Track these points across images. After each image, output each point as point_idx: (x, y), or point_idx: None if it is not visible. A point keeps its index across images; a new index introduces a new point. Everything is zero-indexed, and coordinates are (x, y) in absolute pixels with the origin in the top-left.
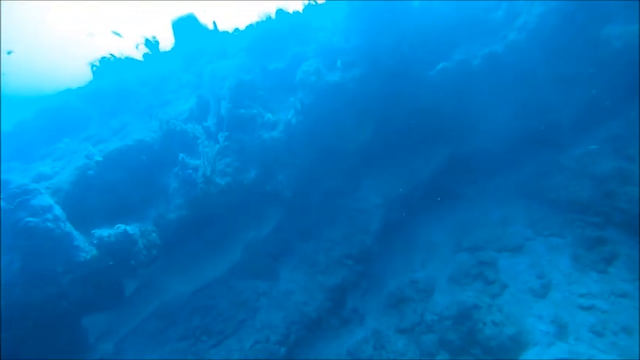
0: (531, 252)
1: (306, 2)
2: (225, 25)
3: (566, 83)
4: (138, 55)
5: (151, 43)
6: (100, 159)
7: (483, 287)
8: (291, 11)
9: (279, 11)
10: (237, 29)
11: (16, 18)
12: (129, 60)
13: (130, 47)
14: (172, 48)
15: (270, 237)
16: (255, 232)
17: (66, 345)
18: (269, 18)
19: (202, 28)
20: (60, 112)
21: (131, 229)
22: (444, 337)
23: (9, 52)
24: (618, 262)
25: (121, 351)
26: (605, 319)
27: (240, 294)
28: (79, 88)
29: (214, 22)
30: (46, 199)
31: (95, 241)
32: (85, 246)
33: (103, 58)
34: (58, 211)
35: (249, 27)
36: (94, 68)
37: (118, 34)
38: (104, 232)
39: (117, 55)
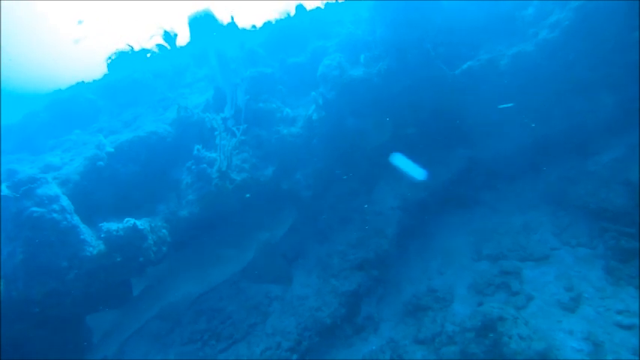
0: (558, 262)
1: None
2: (243, 23)
3: (594, 86)
4: (155, 49)
5: (169, 35)
6: (112, 150)
7: (507, 298)
8: (311, 8)
9: (299, 6)
10: (253, 26)
11: (18, 17)
12: (144, 52)
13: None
14: (188, 43)
15: (285, 238)
16: (270, 233)
17: (68, 344)
18: (288, 14)
19: (219, 23)
20: (71, 104)
21: (141, 223)
22: (467, 350)
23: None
24: None
25: (124, 352)
26: None
27: (251, 297)
28: (93, 81)
29: (232, 17)
30: (53, 189)
31: (103, 235)
32: (92, 240)
33: (118, 51)
34: (65, 202)
35: (267, 23)
36: (109, 61)
37: (80, 22)
38: (112, 226)
39: (134, 47)
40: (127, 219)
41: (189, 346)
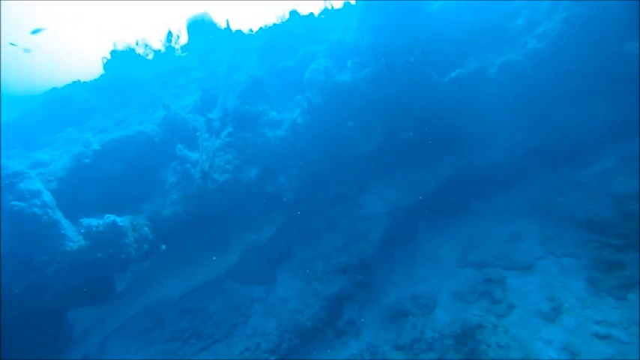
0: (542, 272)
1: (323, 7)
2: (241, 26)
3: (585, 97)
4: (161, 47)
5: (171, 36)
6: (98, 148)
7: (489, 306)
8: (305, 14)
9: (293, 12)
10: (250, 30)
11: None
12: (143, 52)
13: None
14: (185, 46)
15: (271, 240)
16: (255, 234)
17: (48, 339)
18: (282, 19)
19: (216, 27)
20: (66, 103)
21: (121, 220)
22: (445, 357)
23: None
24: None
25: (105, 349)
26: (625, 352)
27: (234, 298)
28: (89, 80)
29: (227, 21)
30: (36, 184)
31: (83, 230)
32: (74, 235)
33: (113, 51)
34: (47, 197)
35: (262, 28)
36: (105, 61)
37: (36, 32)
38: (92, 222)
39: (133, 46)
40: (107, 215)
41: (170, 344)
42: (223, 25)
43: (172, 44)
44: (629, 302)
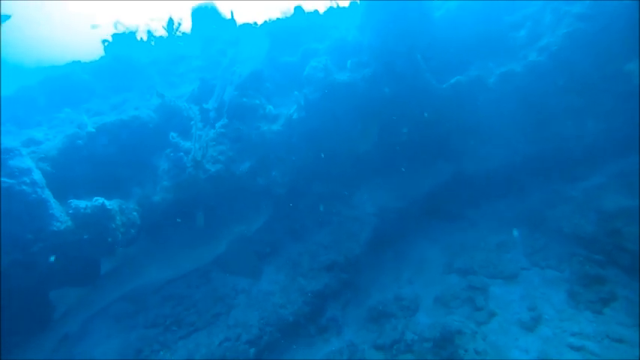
0: (525, 282)
1: (329, 5)
2: (246, 20)
3: (581, 113)
4: (162, 31)
5: (172, 23)
6: (92, 130)
7: (470, 313)
8: (310, 10)
9: (297, 8)
10: (255, 23)
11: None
12: (145, 37)
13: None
14: (189, 33)
15: (259, 233)
16: (244, 226)
17: (28, 317)
18: (287, 15)
19: (220, 17)
20: (64, 82)
21: (110, 203)
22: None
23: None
24: (616, 305)
25: (86, 330)
26: None
27: (219, 288)
28: (89, 62)
29: (232, 12)
30: (26, 162)
31: (71, 212)
32: (61, 216)
33: (115, 34)
34: (37, 175)
35: (266, 22)
36: (106, 44)
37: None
38: (81, 203)
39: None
40: (95, 198)
41: (152, 330)
42: (228, 16)
43: (174, 32)
44: (606, 316)
